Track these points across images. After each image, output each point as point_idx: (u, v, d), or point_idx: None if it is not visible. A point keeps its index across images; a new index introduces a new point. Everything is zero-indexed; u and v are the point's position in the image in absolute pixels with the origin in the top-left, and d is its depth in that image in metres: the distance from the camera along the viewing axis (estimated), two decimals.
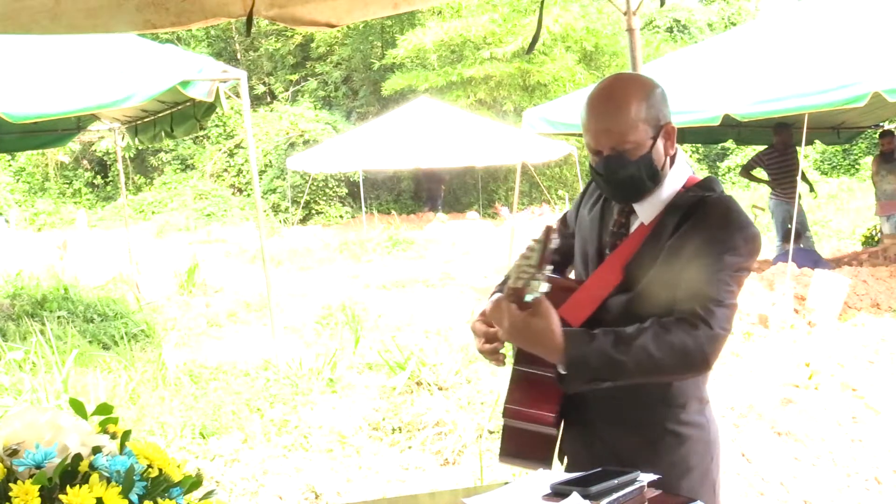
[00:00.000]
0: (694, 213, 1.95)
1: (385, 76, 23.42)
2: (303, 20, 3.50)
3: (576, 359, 1.83)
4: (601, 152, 1.97)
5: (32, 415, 1.42)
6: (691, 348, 1.84)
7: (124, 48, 6.90)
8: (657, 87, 1.99)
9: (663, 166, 1.99)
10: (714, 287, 1.87)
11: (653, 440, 2.00)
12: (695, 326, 1.84)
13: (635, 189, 1.98)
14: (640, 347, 1.82)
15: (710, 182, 2.05)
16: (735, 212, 1.97)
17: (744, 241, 1.93)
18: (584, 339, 1.84)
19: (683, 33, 29.57)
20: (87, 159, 23.55)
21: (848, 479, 4.34)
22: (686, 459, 2.01)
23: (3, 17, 3.10)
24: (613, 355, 1.82)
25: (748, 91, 7.41)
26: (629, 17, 3.71)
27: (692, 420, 2.02)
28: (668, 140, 1.98)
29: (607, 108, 1.97)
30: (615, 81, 2.04)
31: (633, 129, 1.93)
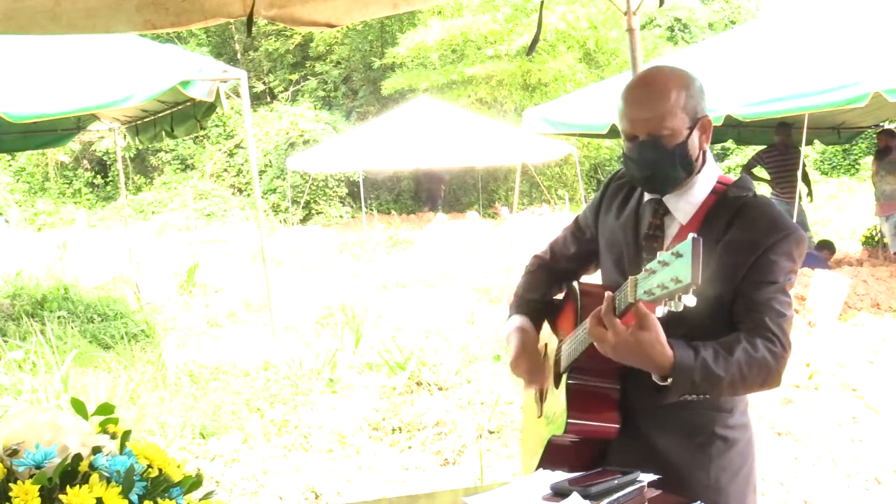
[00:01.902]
0: (739, 216, 1.93)
1: (385, 75, 23.42)
2: (302, 20, 3.50)
3: (682, 372, 1.79)
4: (637, 137, 1.95)
5: (32, 415, 1.42)
6: (772, 366, 1.86)
7: (124, 48, 6.90)
8: (696, 79, 1.98)
9: (697, 159, 1.97)
10: (779, 300, 1.88)
11: (703, 445, 1.99)
12: (774, 344, 1.86)
13: (666, 178, 1.96)
14: (735, 364, 1.82)
15: (744, 182, 2.04)
16: (781, 215, 1.96)
17: (796, 245, 1.93)
18: (690, 351, 1.81)
19: (684, 32, 29.57)
20: (87, 159, 23.55)
21: (848, 479, 4.34)
22: (733, 462, 2.01)
23: (2, 18, 3.10)
24: (714, 370, 1.80)
25: (749, 91, 7.40)
26: (629, 16, 3.71)
27: (738, 423, 2.03)
28: (703, 133, 1.97)
29: (647, 93, 1.95)
30: (656, 70, 2.03)
31: (671, 115, 1.91)
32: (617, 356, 1.80)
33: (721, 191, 1.99)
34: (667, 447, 1.99)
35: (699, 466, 1.95)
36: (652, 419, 1.99)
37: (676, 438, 1.99)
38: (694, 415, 1.98)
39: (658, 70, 2.03)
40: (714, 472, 1.95)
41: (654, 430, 2.00)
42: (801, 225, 9.95)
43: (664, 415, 1.97)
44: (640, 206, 2.08)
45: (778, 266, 1.89)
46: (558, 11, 20.24)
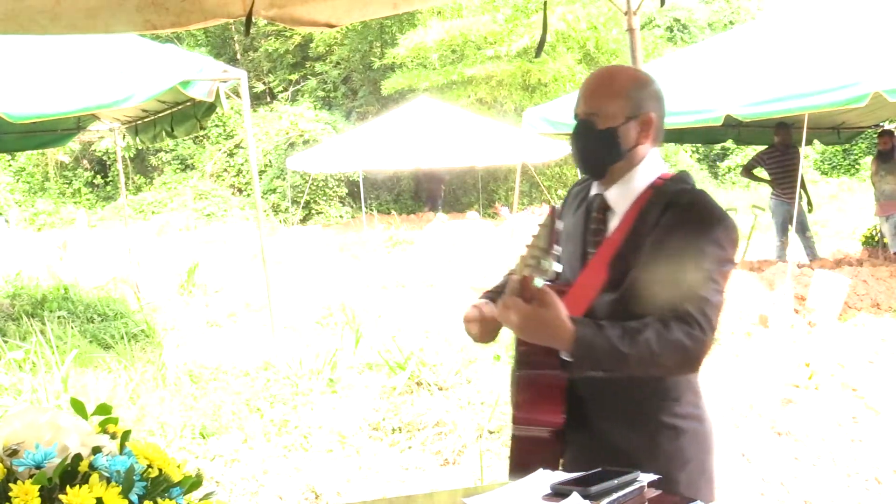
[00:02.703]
0: (671, 207, 1.99)
1: (385, 76, 23.41)
2: (302, 20, 3.51)
3: (583, 346, 1.85)
4: (578, 116, 2.06)
5: (32, 415, 1.42)
6: (689, 348, 1.87)
7: (124, 48, 6.90)
8: (654, 84, 2.06)
9: (630, 149, 2.04)
10: (704, 286, 1.91)
11: (650, 433, 2.03)
12: (691, 326, 1.88)
13: (593, 157, 2.06)
14: (643, 342, 1.85)
15: (684, 176, 2.10)
16: (711, 204, 2.01)
17: (724, 232, 1.96)
18: (592, 327, 1.87)
19: (683, 33, 29.58)
20: (87, 159, 23.55)
21: (848, 479, 4.34)
22: (683, 452, 2.04)
23: (3, 18, 3.10)
24: (619, 346, 1.85)
25: (749, 91, 7.41)
26: (629, 16, 3.71)
27: (687, 413, 2.06)
28: (643, 128, 2.04)
29: (597, 79, 2.08)
30: (615, 66, 2.17)
31: (610, 99, 2.01)
32: (524, 335, 1.89)
33: (659, 185, 2.05)
34: (617, 435, 2.03)
35: (648, 454, 1.98)
36: (601, 408, 2.04)
37: (625, 426, 2.03)
38: (640, 403, 2.03)
39: (617, 66, 2.18)
40: (663, 461, 1.97)
41: (605, 418, 2.04)
42: (802, 225, 9.96)
43: (613, 403, 2.02)
44: (589, 202, 2.15)
45: (705, 253, 1.92)
46: (558, 12, 20.23)
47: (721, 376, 5.89)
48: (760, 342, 6.73)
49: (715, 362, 6.33)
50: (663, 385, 2.02)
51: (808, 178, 19.47)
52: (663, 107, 2.09)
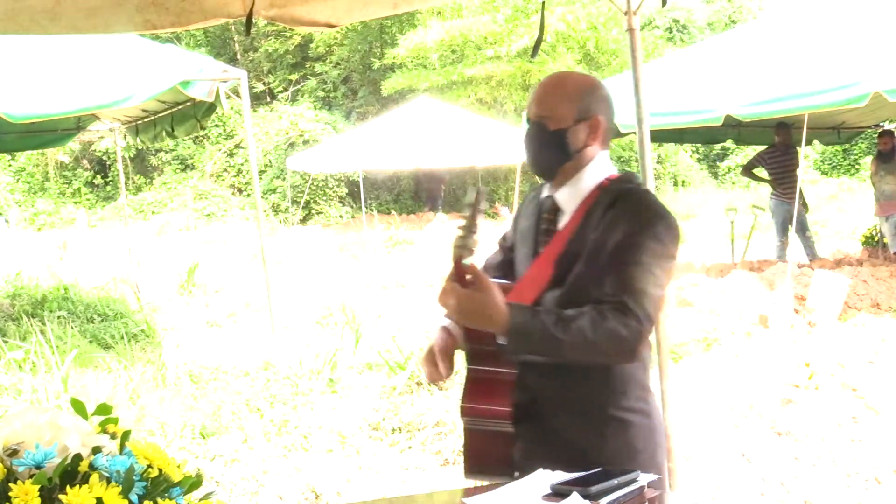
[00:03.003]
0: (615, 205, 2.05)
1: (385, 76, 23.41)
2: (302, 20, 3.51)
3: (517, 330, 1.91)
4: (530, 119, 2.14)
5: (32, 415, 1.42)
6: (624, 337, 1.92)
7: (124, 48, 6.89)
8: (602, 88, 2.16)
9: (579, 151, 2.11)
10: (642, 279, 1.96)
11: (598, 426, 2.08)
12: (627, 316, 1.92)
13: (543, 159, 2.14)
14: (577, 329, 1.91)
15: (629, 175, 2.17)
16: (653, 202, 2.08)
17: (664, 228, 2.01)
18: (526, 312, 1.94)
19: (683, 33, 29.58)
20: (86, 159, 23.55)
21: (848, 479, 4.34)
22: (631, 444, 2.08)
23: (3, 18, 3.10)
24: (553, 332, 1.90)
25: (749, 91, 7.40)
26: (629, 16, 3.70)
27: (634, 406, 2.10)
28: (591, 131, 2.11)
29: (549, 82, 2.16)
30: (566, 71, 2.30)
31: (559, 103, 2.09)
32: (461, 319, 1.98)
33: (605, 185, 2.12)
34: (566, 428, 2.08)
35: (596, 446, 2.04)
36: (550, 401, 2.09)
37: (574, 419, 2.08)
38: (588, 396, 2.08)
39: (567, 72, 2.29)
40: (610, 453, 2.03)
41: (553, 411, 2.09)
42: (802, 225, 9.95)
43: (561, 397, 2.08)
44: (541, 203, 2.23)
45: (643, 247, 1.97)
46: (558, 12, 20.22)
47: (721, 376, 5.89)
48: (760, 342, 6.73)
49: (715, 362, 6.33)
50: (609, 379, 2.07)
51: (808, 178, 19.53)
52: (612, 111, 2.17)
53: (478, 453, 2.16)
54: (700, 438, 4.86)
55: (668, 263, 2.02)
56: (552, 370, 2.03)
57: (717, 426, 5.07)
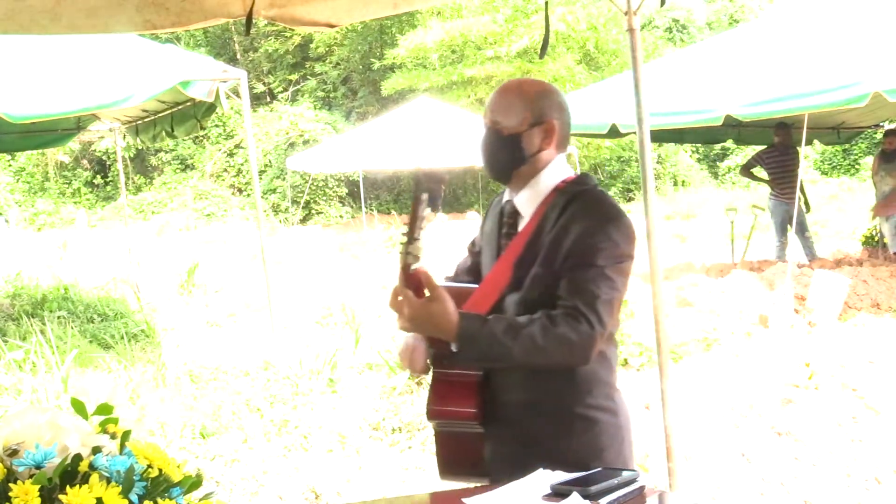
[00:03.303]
0: (569, 206, 2.07)
1: (385, 76, 23.41)
2: (302, 20, 3.51)
3: (466, 338, 1.95)
4: (486, 125, 2.17)
5: (32, 415, 1.42)
6: (574, 342, 1.95)
7: (124, 48, 6.89)
8: (557, 94, 2.18)
9: (533, 155, 2.13)
10: (595, 282, 1.98)
11: (565, 424, 2.10)
12: (578, 321, 1.95)
13: (498, 163, 2.16)
14: (527, 336, 1.94)
15: (584, 177, 2.19)
16: (606, 203, 2.10)
17: (616, 229, 2.03)
18: (476, 321, 1.97)
19: (682, 33, 29.58)
20: (86, 159, 23.56)
21: (848, 479, 4.34)
22: (597, 442, 2.11)
23: (3, 17, 3.10)
24: (502, 340, 1.94)
25: (749, 91, 7.40)
26: (629, 16, 3.70)
27: (600, 405, 2.12)
28: (546, 136, 2.13)
29: (505, 88, 2.19)
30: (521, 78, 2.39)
31: (513, 109, 2.12)
32: (413, 327, 2.01)
33: (561, 188, 2.13)
34: (532, 427, 2.11)
35: (563, 444, 2.08)
36: (516, 402, 2.12)
37: (540, 418, 2.11)
38: (553, 395, 2.10)
39: (523, 78, 2.38)
40: (576, 450, 2.07)
41: (520, 411, 2.12)
42: (801, 225, 9.94)
43: (527, 396, 2.10)
44: (501, 208, 2.26)
45: (597, 249, 2.00)
46: (558, 12, 20.22)
47: (721, 376, 5.89)
48: (760, 342, 6.73)
49: (715, 362, 6.33)
50: (574, 379, 2.08)
51: (808, 178, 19.52)
52: (567, 116, 2.18)
53: (449, 455, 2.21)
54: (700, 438, 4.86)
55: (624, 264, 2.04)
56: (517, 371, 2.06)
57: (717, 426, 5.07)
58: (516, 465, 2.06)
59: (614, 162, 24.37)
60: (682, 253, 12.70)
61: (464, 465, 2.19)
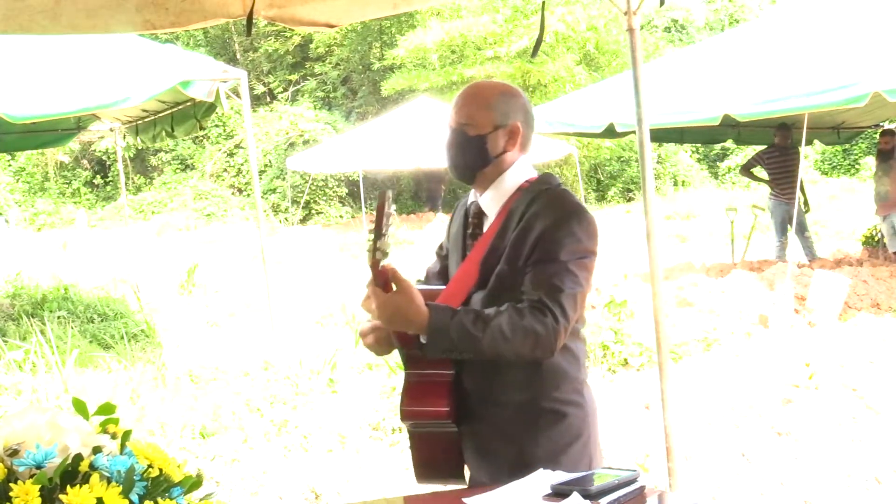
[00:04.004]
0: (532, 205, 2.11)
1: (385, 76, 23.41)
2: (302, 20, 3.51)
3: (436, 329, 1.98)
4: (451, 127, 2.21)
5: (33, 415, 1.42)
6: (541, 334, 1.98)
7: (124, 48, 6.89)
8: (521, 97, 2.25)
9: (497, 156, 2.18)
10: (560, 276, 2.02)
11: (533, 418, 2.13)
12: (544, 314, 1.99)
13: (463, 164, 2.20)
14: (495, 327, 1.97)
15: (547, 177, 2.23)
16: (568, 200, 2.14)
17: (579, 224, 2.07)
18: (446, 312, 2.00)
19: (681, 33, 29.57)
20: (86, 159, 23.56)
21: (848, 479, 4.34)
22: (564, 436, 2.14)
23: (2, 18, 3.10)
24: (471, 331, 1.97)
25: (748, 91, 7.40)
26: (629, 16, 3.70)
27: (567, 398, 2.16)
28: (510, 138, 2.19)
29: (470, 90, 2.25)
30: (487, 80, 2.40)
31: (479, 110, 2.17)
32: (383, 321, 2.04)
33: (525, 187, 2.18)
34: (502, 422, 2.14)
35: (530, 438, 2.11)
36: (486, 398, 2.15)
37: (509, 415, 2.14)
38: (521, 390, 2.13)
39: (488, 81, 2.37)
40: (543, 444, 2.11)
41: (490, 407, 2.15)
42: (801, 225, 9.95)
43: (496, 394, 2.14)
44: (467, 209, 2.30)
45: (560, 244, 2.04)
46: (558, 13, 20.22)
47: (721, 376, 5.89)
48: (760, 342, 6.73)
49: (715, 362, 6.33)
50: (541, 373, 2.11)
51: (808, 178, 19.50)
52: (531, 118, 2.25)
53: (426, 457, 2.21)
54: (700, 438, 4.86)
55: (587, 259, 2.08)
56: (486, 369, 2.10)
57: (717, 426, 5.07)
58: (489, 460, 2.14)
59: (614, 162, 24.37)
60: (682, 253, 12.70)
61: (440, 466, 2.21)
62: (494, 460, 2.13)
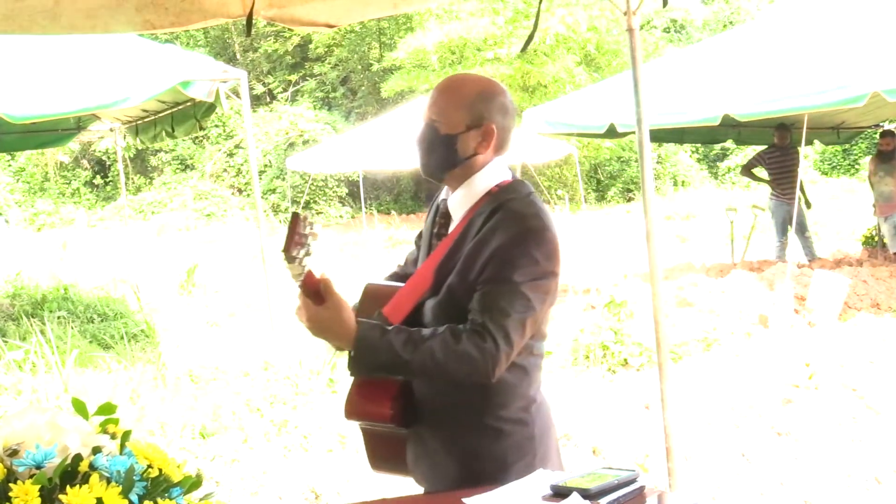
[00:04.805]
0: (494, 214, 1.99)
1: (384, 77, 23.41)
2: (302, 20, 3.51)
3: (363, 348, 1.92)
4: (424, 120, 2.10)
5: (32, 415, 1.42)
6: (477, 360, 1.89)
7: (124, 48, 6.89)
8: (501, 95, 2.09)
9: (469, 158, 2.06)
10: (508, 299, 1.91)
11: (474, 434, 2.05)
12: (483, 339, 1.89)
13: (434, 164, 2.09)
14: (427, 350, 1.89)
15: (517, 184, 2.09)
16: (531, 216, 2.00)
17: (537, 245, 1.95)
18: (375, 331, 1.93)
19: (680, 33, 29.57)
20: (86, 159, 23.55)
21: (848, 479, 4.34)
22: (508, 454, 2.04)
23: (2, 18, 3.10)
24: (400, 353, 1.90)
25: (748, 91, 7.41)
26: (629, 16, 3.70)
27: (513, 417, 2.06)
28: (483, 139, 2.05)
29: (447, 85, 2.12)
30: (465, 74, 2.26)
31: (452, 108, 2.05)
32: (313, 333, 1.99)
33: (494, 192, 2.06)
34: (444, 433, 2.08)
35: (471, 455, 2.04)
36: (432, 406, 2.08)
37: (451, 425, 2.07)
38: (466, 404, 2.04)
39: (467, 75, 2.23)
40: (485, 462, 2.03)
41: (435, 416, 2.08)
42: (801, 226, 9.95)
43: (441, 402, 2.06)
44: (435, 208, 2.21)
45: (514, 265, 1.92)
46: (558, 14, 20.21)
47: (721, 376, 5.89)
48: (760, 342, 6.73)
49: (715, 362, 6.33)
50: (490, 390, 2.01)
51: (808, 178, 19.50)
52: (509, 118, 2.10)
53: (375, 451, 2.21)
54: (700, 438, 4.86)
55: (544, 282, 1.96)
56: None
57: (717, 426, 5.07)
58: (433, 466, 2.09)
59: (614, 162, 24.37)
60: (682, 253, 12.70)
61: (389, 461, 2.20)
62: (440, 470, 2.08)
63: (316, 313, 1.95)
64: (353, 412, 2.12)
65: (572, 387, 5.99)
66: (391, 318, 2.03)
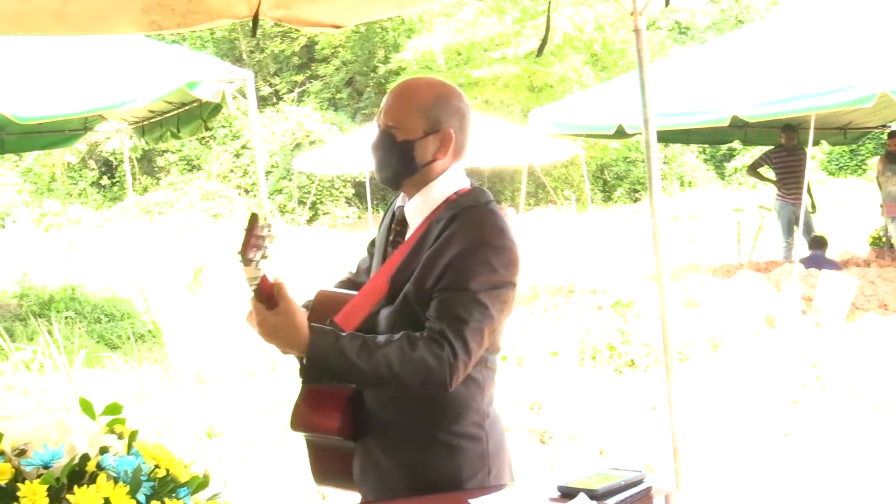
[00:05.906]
0: (452, 222, 1.95)
1: (390, 78, 23.42)
2: (308, 21, 3.51)
3: (315, 355, 1.86)
4: (379, 126, 2.06)
5: (40, 415, 1.42)
6: (433, 369, 1.84)
7: (131, 49, 6.90)
8: (457, 99, 2.05)
9: (427, 164, 2.01)
10: (466, 307, 1.87)
11: (424, 448, 2.00)
12: (441, 347, 1.85)
13: (388, 169, 2.05)
14: (381, 358, 1.85)
15: (476, 192, 2.04)
16: (489, 224, 1.96)
17: (495, 254, 1.91)
18: (328, 338, 1.88)
19: (685, 34, 29.52)
20: (93, 160, 23.60)
21: (854, 480, 4.33)
22: (460, 469, 2.00)
23: (9, 19, 3.11)
24: (354, 360, 1.85)
25: (755, 92, 7.39)
26: (635, 17, 3.70)
27: (466, 432, 2.01)
28: (441, 145, 2.01)
29: (401, 90, 2.07)
30: (421, 78, 2.18)
31: (408, 114, 2.00)
32: (264, 339, 1.93)
33: (452, 199, 2.01)
34: (395, 446, 2.02)
35: (421, 469, 1.99)
36: (382, 419, 2.02)
37: (401, 439, 2.02)
38: (417, 418, 2.00)
39: (422, 78, 2.18)
40: (435, 477, 1.98)
41: (384, 429, 2.03)
42: (807, 226, 9.91)
43: (392, 415, 2.01)
44: (392, 214, 2.16)
45: (471, 273, 1.88)
46: (565, 14, 20.20)
47: (728, 377, 5.88)
48: (767, 343, 6.72)
49: (722, 363, 6.32)
50: (442, 403, 1.98)
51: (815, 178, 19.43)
52: (466, 123, 2.05)
53: (319, 465, 2.13)
54: (707, 439, 4.85)
55: (501, 291, 1.92)
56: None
57: (723, 427, 5.06)
58: (381, 480, 2.02)
59: (621, 162, 24.35)
60: (689, 253, 12.68)
61: (334, 475, 2.12)
62: (388, 485, 2.02)
63: (266, 318, 1.90)
64: (300, 424, 2.04)
65: (579, 387, 5.99)
66: (344, 326, 1.95)
